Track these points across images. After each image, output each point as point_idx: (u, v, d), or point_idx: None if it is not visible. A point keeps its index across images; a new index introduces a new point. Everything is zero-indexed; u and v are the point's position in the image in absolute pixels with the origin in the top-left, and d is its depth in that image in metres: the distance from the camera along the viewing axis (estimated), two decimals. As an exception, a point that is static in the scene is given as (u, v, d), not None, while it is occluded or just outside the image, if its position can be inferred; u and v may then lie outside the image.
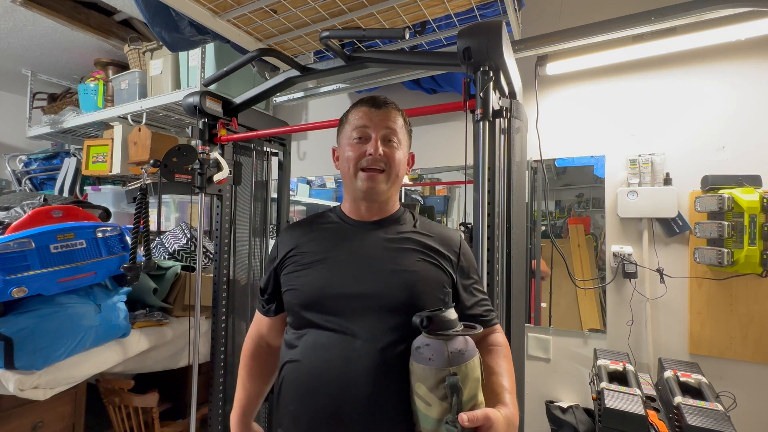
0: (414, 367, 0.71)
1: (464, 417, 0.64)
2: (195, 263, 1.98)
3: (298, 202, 2.70)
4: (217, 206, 1.61)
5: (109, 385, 1.60)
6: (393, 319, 0.78)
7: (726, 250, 1.50)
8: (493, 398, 0.74)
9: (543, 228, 1.95)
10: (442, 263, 0.86)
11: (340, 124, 0.96)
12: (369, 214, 0.92)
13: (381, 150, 0.86)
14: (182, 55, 2.20)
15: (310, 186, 2.71)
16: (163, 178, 1.36)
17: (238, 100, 1.53)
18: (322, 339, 0.81)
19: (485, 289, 0.95)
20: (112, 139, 2.49)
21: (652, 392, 1.46)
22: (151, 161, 1.33)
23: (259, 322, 1.00)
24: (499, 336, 0.88)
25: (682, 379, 1.43)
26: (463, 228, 1.46)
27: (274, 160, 1.95)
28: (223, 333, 1.61)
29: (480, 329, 0.73)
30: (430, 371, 0.67)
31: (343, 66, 1.28)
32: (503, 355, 0.84)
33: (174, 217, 2.52)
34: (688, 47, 1.59)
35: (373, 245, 0.88)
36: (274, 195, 1.97)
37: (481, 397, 0.69)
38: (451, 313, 0.71)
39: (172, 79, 2.27)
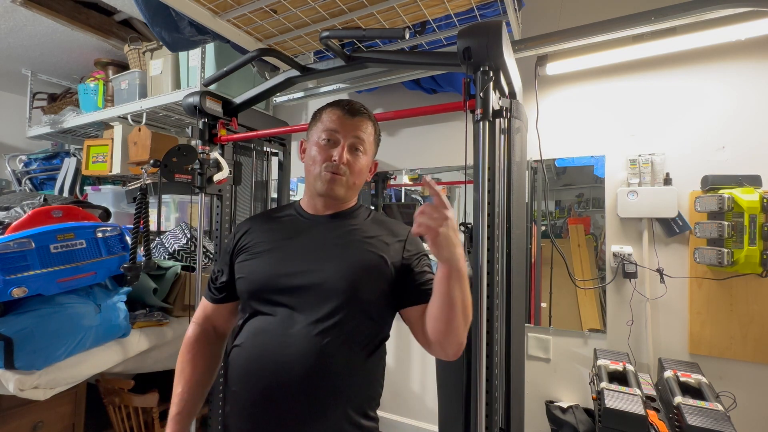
0: None
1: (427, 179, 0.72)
2: (195, 263, 1.98)
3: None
4: (217, 206, 1.61)
5: (109, 385, 1.60)
6: (331, 306, 0.81)
7: (726, 250, 1.50)
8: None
9: (543, 228, 1.95)
10: (385, 254, 0.88)
11: (312, 118, 0.98)
12: (324, 209, 0.95)
13: (345, 158, 0.89)
14: (182, 55, 2.20)
15: (310, 186, 2.71)
16: (163, 178, 1.36)
17: (238, 100, 1.53)
18: (263, 324, 0.86)
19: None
20: (112, 139, 2.49)
21: (652, 392, 1.46)
22: (151, 161, 1.33)
23: (205, 307, 0.99)
24: None
25: (682, 379, 1.43)
26: (463, 228, 1.46)
27: (274, 160, 1.95)
28: (223, 333, 1.61)
29: None
30: None
31: (343, 66, 1.28)
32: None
33: (174, 217, 2.52)
34: (688, 47, 1.59)
35: (321, 237, 0.91)
36: (274, 195, 1.97)
37: None
38: None
39: (172, 79, 2.26)
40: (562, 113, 1.92)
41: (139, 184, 1.41)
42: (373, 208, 1.01)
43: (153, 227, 1.75)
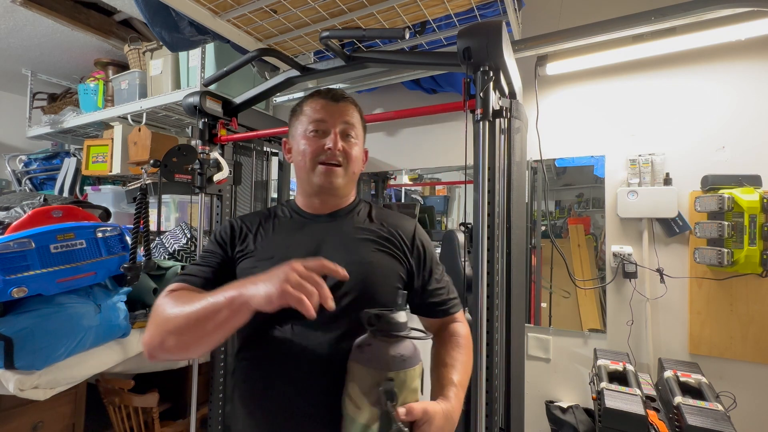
0: (351, 366, 0.68)
1: (401, 410, 0.61)
2: (195, 263, 1.98)
3: (298, 202, 2.70)
4: (217, 206, 1.61)
5: (109, 385, 1.60)
6: (346, 311, 0.76)
7: (726, 250, 1.50)
8: (437, 391, 0.72)
9: (543, 228, 1.95)
10: (397, 252, 0.85)
11: (292, 114, 0.93)
12: (323, 207, 0.91)
13: (340, 145, 0.84)
14: (182, 55, 2.20)
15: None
16: (163, 178, 1.36)
17: (238, 100, 1.53)
18: (283, 334, 0.79)
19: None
20: (112, 139, 2.49)
21: (652, 392, 1.46)
22: (151, 161, 1.33)
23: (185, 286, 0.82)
24: (459, 326, 0.86)
25: (682, 379, 1.43)
26: (463, 228, 1.46)
27: (274, 160, 1.95)
28: (223, 333, 1.61)
29: (429, 336, 0.72)
30: (367, 372, 0.64)
31: (343, 66, 1.28)
32: (460, 345, 0.81)
33: (174, 217, 2.52)
34: (688, 47, 1.59)
35: (327, 239, 0.85)
36: (274, 195, 1.98)
37: None
38: (401, 316, 0.67)
39: (172, 79, 2.26)
40: (562, 113, 1.92)
41: (139, 184, 1.42)
42: (368, 202, 0.95)
43: (153, 227, 1.75)
